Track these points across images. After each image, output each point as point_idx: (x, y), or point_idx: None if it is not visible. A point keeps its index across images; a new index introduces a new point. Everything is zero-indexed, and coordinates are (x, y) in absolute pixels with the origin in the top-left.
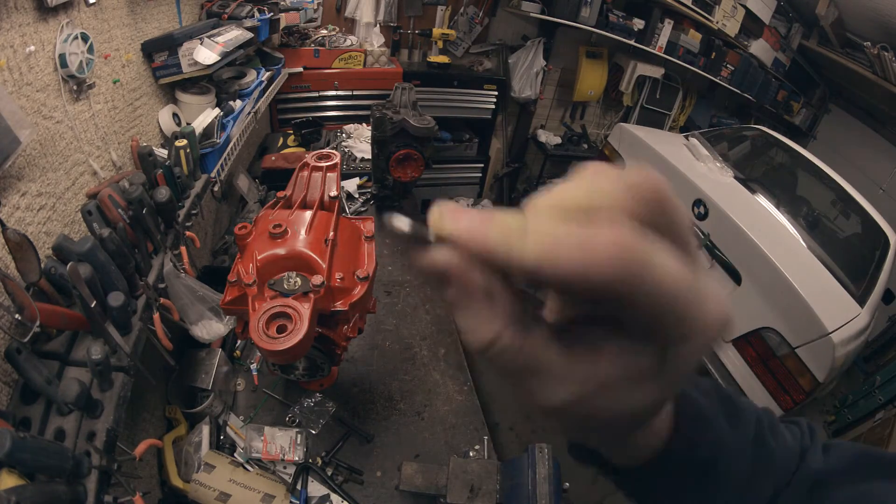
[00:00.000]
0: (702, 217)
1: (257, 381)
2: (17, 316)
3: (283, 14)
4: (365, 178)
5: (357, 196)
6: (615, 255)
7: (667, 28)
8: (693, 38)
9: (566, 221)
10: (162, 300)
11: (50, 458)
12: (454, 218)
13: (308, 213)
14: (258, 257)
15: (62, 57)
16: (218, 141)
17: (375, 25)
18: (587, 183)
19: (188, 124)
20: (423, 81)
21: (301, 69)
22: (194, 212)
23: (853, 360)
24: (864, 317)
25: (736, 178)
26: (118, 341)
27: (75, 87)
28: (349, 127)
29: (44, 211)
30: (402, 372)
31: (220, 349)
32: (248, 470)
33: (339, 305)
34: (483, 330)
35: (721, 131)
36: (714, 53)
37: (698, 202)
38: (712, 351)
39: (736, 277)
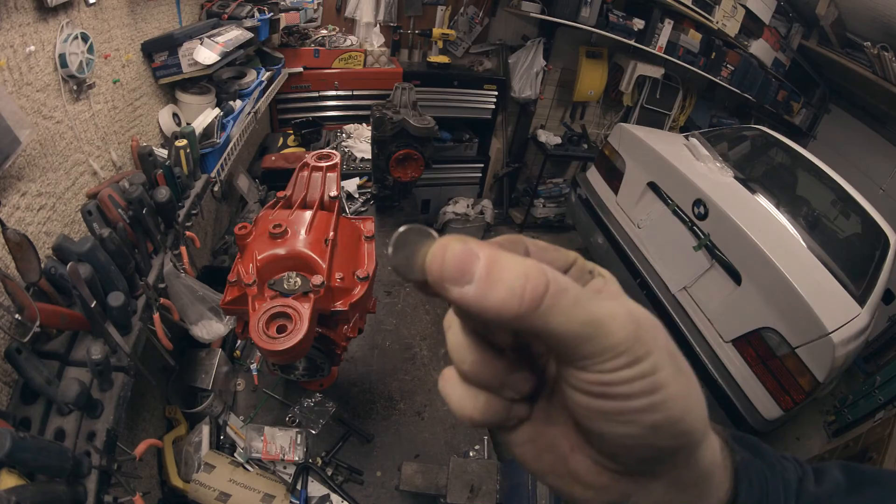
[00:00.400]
0: (702, 217)
1: (257, 381)
2: (17, 316)
3: (283, 14)
4: (365, 178)
5: (357, 196)
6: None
7: (667, 28)
8: (693, 38)
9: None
10: (162, 300)
11: (50, 458)
12: (488, 286)
13: (308, 213)
14: (258, 257)
15: (62, 57)
16: (218, 141)
17: (375, 25)
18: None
19: (188, 124)
20: (423, 81)
21: (301, 69)
22: (194, 212)
23: (853, 360)
24: (864, 317)
25: (736, 178)
26: (118, 341)
27: (75, 87)
28: (349, 127)
29: (44, 211)
30: (402, 372)
31: (220, 349)
32: (248, 470)
33: (339, 305)
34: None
35: (721, 131)
36: (714, 53)
37: (698, 202)
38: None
39: (736, 277)
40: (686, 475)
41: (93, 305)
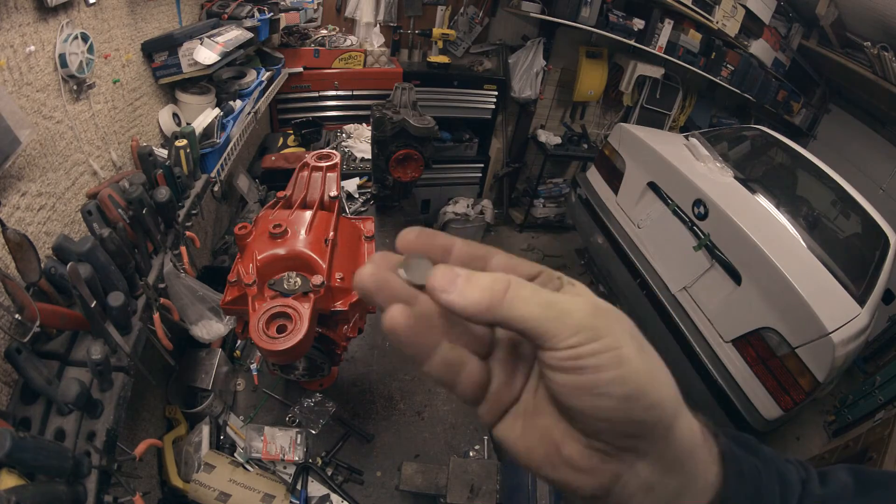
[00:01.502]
0: (702, 217)
1: (257, 381)
2: (17, 316)
3: (283, 14)
4: (365, 178)
5: (357, 196)
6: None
7: (667, 28)
8: (693, 38)
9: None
10: (162, 300)
11: (50, 458)
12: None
13: (308, 213)
14: (258, 257)
15: (62, 57)
16: (218, 141)
17: (375, 25)
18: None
19: (188, 124)
20: (423, 81)
21: (301, 69)
22: (194, 212)
23: (853, 360)
24: (864, 317)
25: (736, 178)
26: (118, 341)
27: (75, 87)
28: (349, 127)
29: (44, 211)
30: (402, 372)
31: (220, 349)
32: (248, 470)
33: (339, 305)
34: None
35: (721, 131)
36: (714, 53)
37: (698, 202)
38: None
39: (736, 277)
40: (667, 452)
41: (93, 305)
